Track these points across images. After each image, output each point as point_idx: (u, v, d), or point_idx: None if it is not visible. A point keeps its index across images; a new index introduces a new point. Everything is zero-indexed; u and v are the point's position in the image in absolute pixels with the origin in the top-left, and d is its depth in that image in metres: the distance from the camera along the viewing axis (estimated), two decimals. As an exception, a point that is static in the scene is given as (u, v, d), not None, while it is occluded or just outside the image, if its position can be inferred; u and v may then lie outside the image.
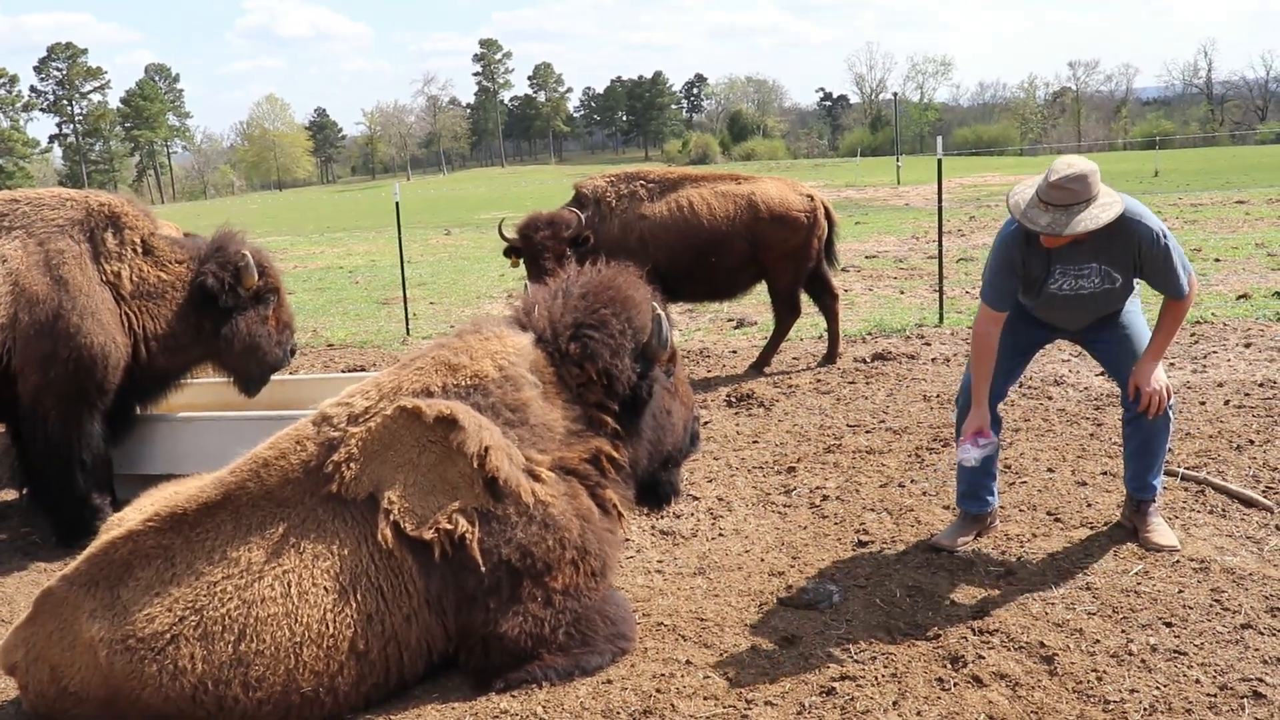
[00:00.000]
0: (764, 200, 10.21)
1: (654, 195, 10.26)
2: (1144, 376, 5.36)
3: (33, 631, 4.34)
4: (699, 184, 10.41)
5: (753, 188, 10.35)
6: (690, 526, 6.42)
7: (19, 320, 6.48)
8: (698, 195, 10.22)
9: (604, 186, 10.37)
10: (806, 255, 10.34)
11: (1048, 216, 4.95)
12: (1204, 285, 13.55)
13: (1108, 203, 4.99)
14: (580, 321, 4.78)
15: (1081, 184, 4.90)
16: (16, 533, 7.23)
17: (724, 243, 10.15)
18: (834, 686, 4.34)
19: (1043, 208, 4.96)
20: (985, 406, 5.50)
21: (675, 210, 10.15)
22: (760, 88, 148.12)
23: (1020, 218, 5.04)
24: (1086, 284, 5.34)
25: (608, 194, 10.29)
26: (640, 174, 10.57)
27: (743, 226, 10.15)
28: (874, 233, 23.84)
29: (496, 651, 4.39)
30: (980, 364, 5.48)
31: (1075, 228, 4.92)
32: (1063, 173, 4.92)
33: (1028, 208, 5.01)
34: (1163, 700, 4.13)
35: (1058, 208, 4.93)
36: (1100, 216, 4.94)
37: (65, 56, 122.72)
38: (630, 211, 10.18)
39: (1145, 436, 5.58)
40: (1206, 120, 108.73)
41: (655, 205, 10.19)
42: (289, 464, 4.43)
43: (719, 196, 10.23)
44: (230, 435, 6.41)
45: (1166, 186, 34.24)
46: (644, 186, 10.32)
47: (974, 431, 5.48)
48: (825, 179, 54.78)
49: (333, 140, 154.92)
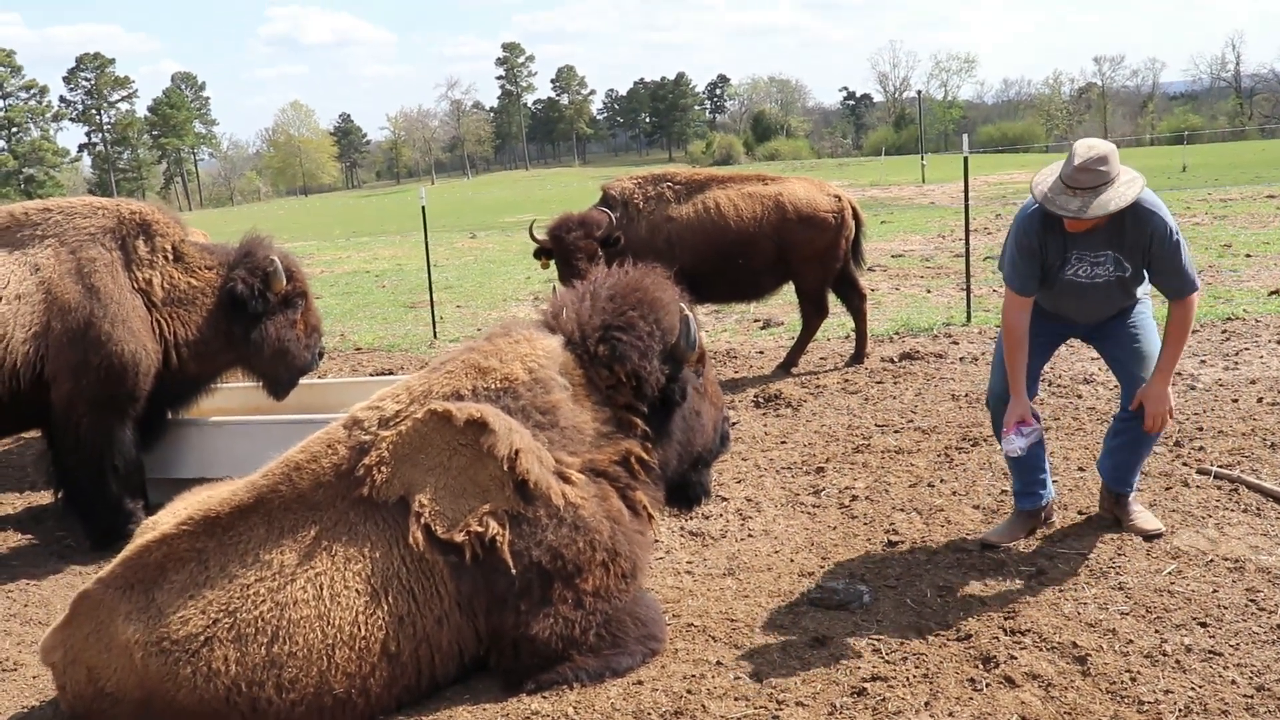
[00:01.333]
0: (791, 201, 10.19)
1: (681, 197, 10.25)
2: (1152, 396, 5.36)
3: (70, 633, 4.39)
4: (726, 185, 10.40)
5: (780, 188, 10.33)
6: (719, 527, 6.41)
7: (52, 328, 6.55)
8: (724, 196, 10.21)
9: (631, 188, 10.37)
10: (834, 256, 10.32)
11: (1077, 201, 4.97)
12: (1235, 281, 13.44)
13: (1130, 179, 5.03)
14: (609, 324, 4.78)
15: (1106, 164, 4.95)
16: (52, 536, 7.31)
17: (751, 244, 10.14)
18: (865, 687, 4.32)
19: (1070, 193, 4.98)
20: (1024, 394, 5.47)
21: (702, 212, 10.14)
22: (783, 87, 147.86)
23: (1049, 205, 5.04)
24: (1101, 271, 5.34)
25: (635, 196, 10.29)
26: (667, 175, 10.57)
27: (770, 227, 10.14)
28: (900, 232, 23.74)
29: (527, 653, 4.40)
30: (1015, 352, 5.45)
31: (1106, 207, 4.94)
32: (1086, 155, 4.94)
33: (1054, 194, 5.02)
34: (1198, 701, 4.09)
35: (1086, 190, 4.95)
36: (1127, 194, 4.98)
37: (93, 67, 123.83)
38: (657, 213, 10.19)
39: (1135, 438, 5.60)
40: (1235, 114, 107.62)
41: (682, 207, 10.19)
42: (320, 467, 4.45)
43: (746, 197, 10.22)
44: (261, 439, 6.44)
45: (1195, 182, 33.97)
46: (671, 188, 10.32)
47: (1017, 420, 5.44)
48: (850, 178, 54.61)
49: (357, 145, 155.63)
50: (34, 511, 7.89)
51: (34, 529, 7.50)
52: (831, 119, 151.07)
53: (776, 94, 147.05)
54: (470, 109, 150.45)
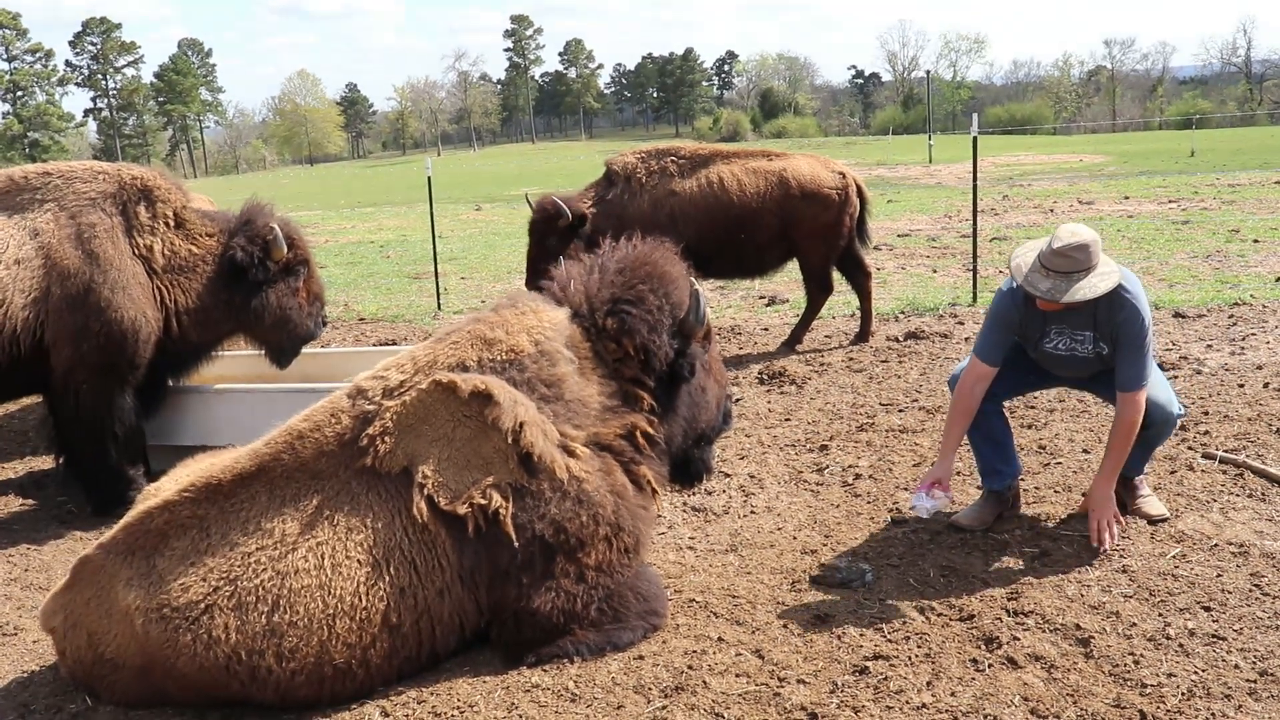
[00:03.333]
0: (795, 177, 10.13)
1: (685, 171, 10.19)
2: (1096, 499, 5.41)
3: (71, 598, 4.38)
4: (730, 160, 10.33)
5: (785, 164, 10.27)
6: (722, 504, 6.40)
7: (51, 294, 6.51)
8: (729, 172, 10.15)
9: (634, 163, 10.33)
10: (838, 233, 10.26)
11: (1048, 282, 5.04)
12: (1242, 266, 13.39)
13: (1106, 272, 5.07)
14: (618, 297, 4.75)
15: (1084, 253, 4.99)
16: (53, 501, 7.31)
17: (754, 219, 10.09)
18: (867, 666, 4.31)
19: (1044, 273, 5.06)
20: (951, 458, 5.57)
21: (706, 187, 10.08)
22: (791, 65, 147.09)
23: (1022, 281, 5.13)
24: (1080, 348, 5.41)
25: (638, 170, 10.25)
26: (671, 150, 10.49)
27: (773, 203, 10.08)
28: (906, 211, 23.65)
29: (529, 626, 4.39)
30: (958, 419, 5.56)
31: (1074, 295, 5.00)
32: (1066, 240, 5.00)
33: (1029, 272, 5.11)
34: (1201, 685, 4.08)
35: (1059, 274, 5.03)
36: (1098, 286, 5.03)
37: (100, 31, 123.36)
38: (660, 188, 10.13)
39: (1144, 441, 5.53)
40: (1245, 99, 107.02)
41: (686, 182, 10.13)
42: (324, 436, 4.43)
43: (750, 173, 10.16)
44: (264, 408, 6.42)
45: (1203, 166, 33.80)
46: (675, 162, 10.26)
47: (933, 481, 5.48)
48: (857, 157, 54.39)
49: (364, 116, 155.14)
50: (35, 477, 7.89)
51: (35, 494, 7.51)
52: (839, 97, 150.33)
53: (785, 71, 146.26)
54: (477, 81, 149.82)
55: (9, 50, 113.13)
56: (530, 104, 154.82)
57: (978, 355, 5.49)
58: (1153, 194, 23.99)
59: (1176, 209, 20.50)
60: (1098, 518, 5.34)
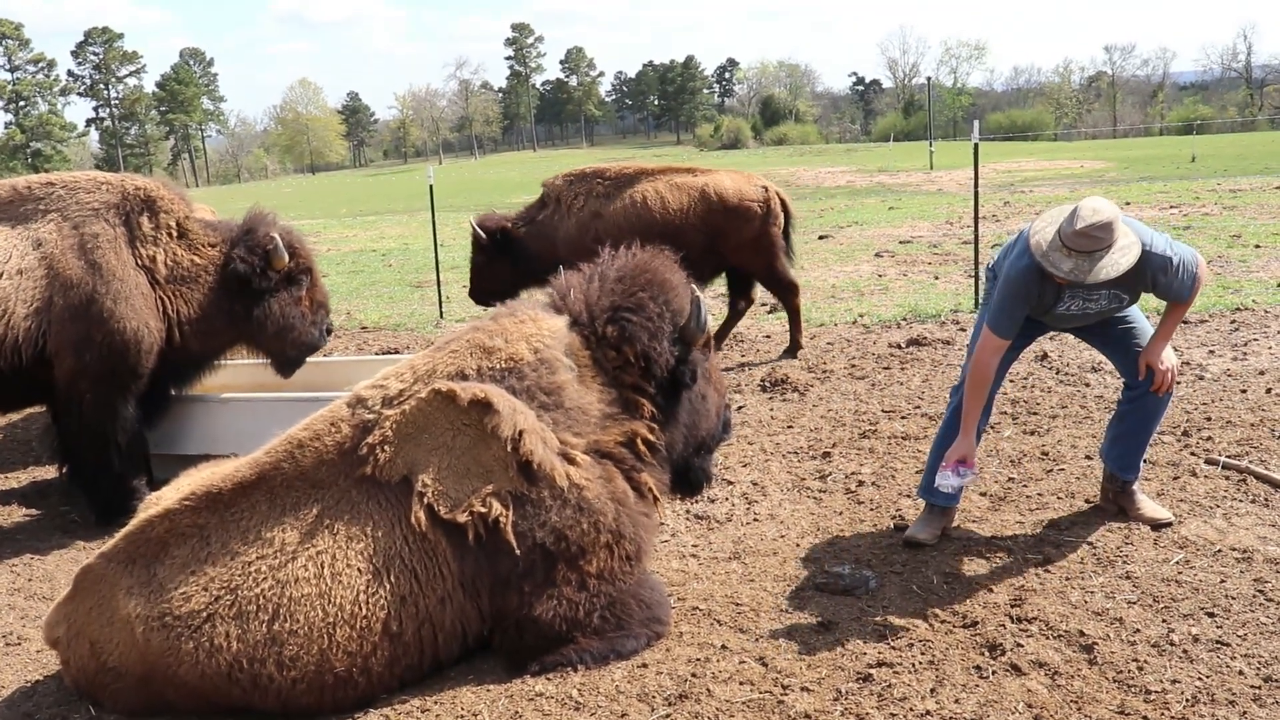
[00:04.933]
0: (717, 192, 10.28)
1: (610, 192, 10.38)
2: (1155, 355, 5.40)
3: (73, 608, 4.39)
4: (655, 178, 10.50)
5: (707, 180, 10.43)
6: (725, 511, 6.39)
7: (54, 304, 6.52)
8: (652, 189, 10.32)
9: (562, 185, 10.58)
10: (770, 242, 10.39)
11: (1070, 262, 4.95)
12: (1244, 272, 13.37)
13: (1126, 245, 4.99)
14: (618, 305, 4.75)
15: (1106, 231, 4.90)
16: (56, 511, 7.31)
17: (678, 235, 10.03)
18: (871, 673, 4.30)
19: (1065, 252, 4.96)
20: (974, 434, 5.51)
21: (630, 206, 10.26)
22: (792, 72, 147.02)
23: (1043, 261, 5.02)
24: (1094, 305, 5.39)
25: (565, 194, 10.49)
26: (599, 171, 10.69)
27: (697, 218, 10.24)
28: (908, 218, 23.64)
29: (531, 634, 4.39)
30: (976, 393, 5.47)
31: (1098, 275, 4.94)
32: (1089, 220, 4.89)
33: (1050, 250, 5.00)
34: (1205, 691, 4.07)
35: (1081, 254, 4.94)
36: (1121, 262, 4.96)
37: (102, 41, 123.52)
38: (586, 210, 10.34)
39: (1143, 417, 5.62)
40: (1245, 105, 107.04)
41: (611, 203, 10.31)
42: (324, 445, 4.43)
43: (673, 189, 10.34)
44: (265, 416, 6.43)
45: (1204, 172, 33.78)
46: (601, 184, 10.46)
47: (958, 459, 5.46)
48: (858, 164, 54.44)
49: (365, 124, 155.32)
50: (39, 486, 7.89)
51: (39, 503, 7.51)
52: (840, 104, 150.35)
53: (785, 78, 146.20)
54: (479, 89, 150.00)
55: (11, 60, 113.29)
56: (531, 112, 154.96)
57: (993, 329, 5.36)
58: (1154, 200, 23.97)
59: (1178, 214, 20.48)
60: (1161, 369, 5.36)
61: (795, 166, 55.36)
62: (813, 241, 20.09)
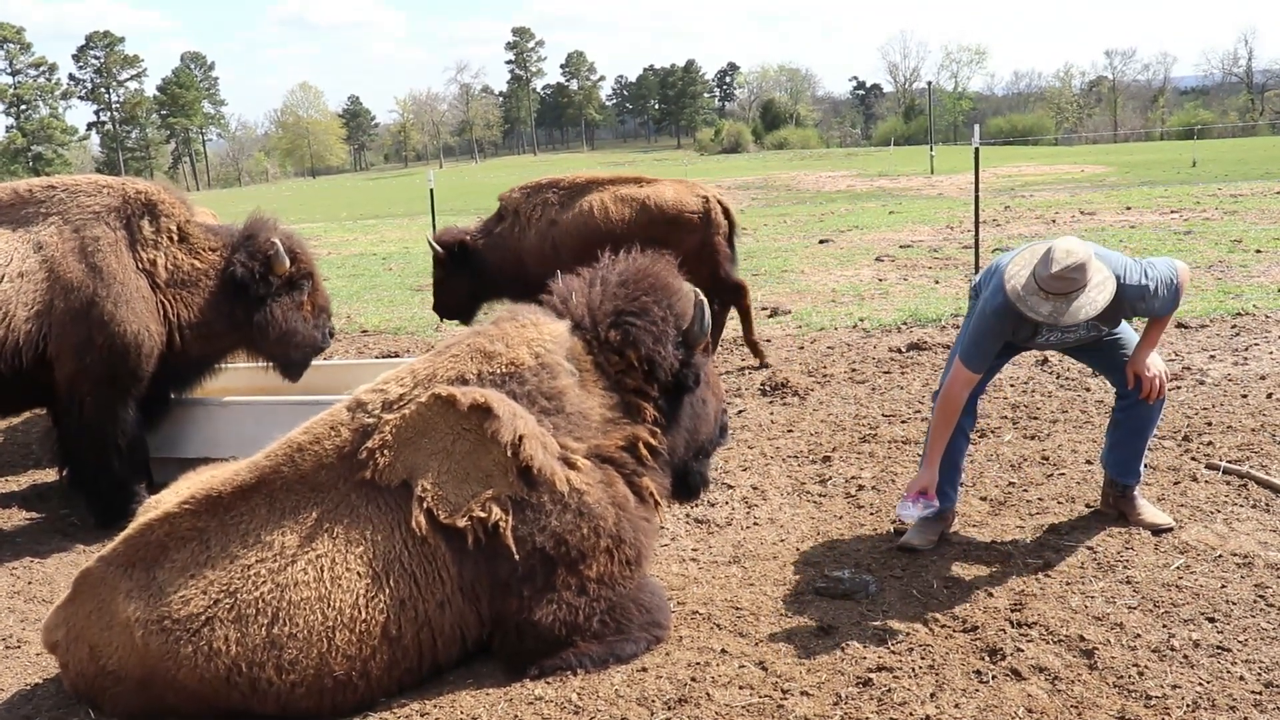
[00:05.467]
0: (658, 202, 10.40)
1: (564, 202, 10.53)
2: (1142, 363, 5.43)
3: (72, 611, 4.38)
4: (604, 188, 10.64)
5: (649, 190, 10.55)
6: (725, 515, 6.39)
7: (55, 307, 6.52)
8: (599, 200, 10.47)
9: (519, 198, 10.73)
10: (713, 249, 10.49)
11: (1048, 305, 4.96)
12: (1245, 277, 13.37)
13: (1101, 281, 4.99)
14: (621, 309, 4.75)
15: (1080, 272, 4.90)
16: (56, 514, 7.31)
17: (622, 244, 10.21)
18: (871, 677, 4.30)
19: (1042, 296, 4.96)
20: (937, 467, 5.48)
21: (579, 215, 10.41)
22: (793, 76, 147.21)
23: (1020, 305, 5.02)
24: (1071, 336, 5.44)
25: (523, 205, 10.65)
26: (553, 182, 10.85)
27: (639, 228, 10.27)
28: (908, 222, 23.65)
29: (531, 638, 4.38)
30: (944, 426, 5.46)
31: (1075, 315, 4.95)
32: (1064, 262, 4.88)
33: (1026, 294, 4.99)
34: (1206, 696, 4.06)
35: (1058, 296, 4.94)
36: (1098, 300, 4.97)
37: (103, 45, 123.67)
38: (543, 219, 10.50)
39: (1138, 424, 5.63)
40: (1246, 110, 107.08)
41: (564, 212, 10.47)
42: (323, 449, 4.42)
43: (618, 200, 10.48)
44: (265, 420, 6.43)
45: (1205, 177, 33.82)
46: (555, 194, 10.62)
47: (920, 490, 5.42)
48: (858, 168, 54.48)
49: (366, 128, 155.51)
50: (39, 489, 7.89)
51: (39, 506, 7.51)
52: (841, 108, 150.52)
53: (786, 82, 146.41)
54: (479, 93, 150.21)
55: (13, 64, 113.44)
56: (532, 116, 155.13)
57: (965, 364, 5.37)
58: (1155, 204, 23.98)
59: (1179, 219, 20.49)
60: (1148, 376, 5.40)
61: (796, 171, 55.40)
62: (813, 246, 20.11)
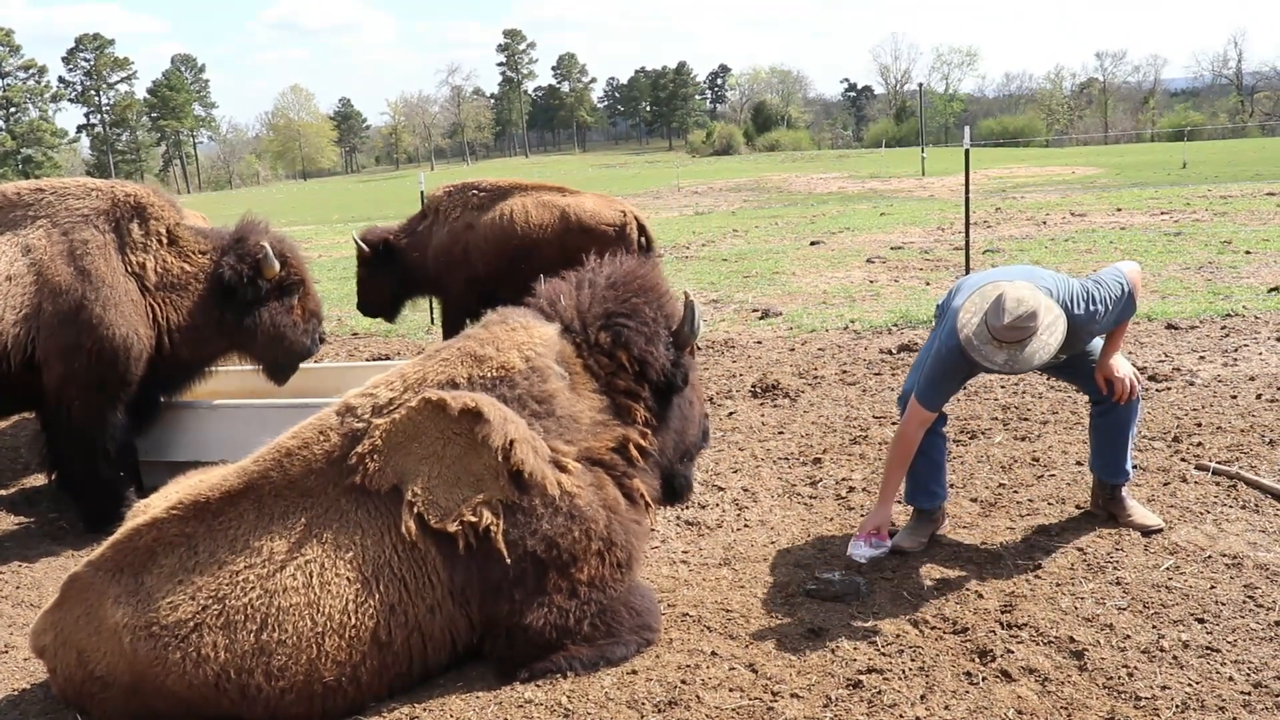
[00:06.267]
0: (576, 213, 10.56)
1: (484, 204, 10.67)
2: (1109, 367, 5.46)
3: (60, 616, 4.36)
4: (527, 193, 10.79)
5: (569, 201, 10.72)
6: (715, 517, 6.38)
7: (43, 310, 6.50)
8: (520, 205, 10.61)
9: (441, 197, 10.89)
10: None
11: (1003, 354, 4.96)
12: (1234, 278, 13.41)
13: (1051, 321, 4.99)
14: (612, 311, 4.76)
15: (1033, 319, 4.90)
16: (45, 518, 7.28)
17: (536, 251, 10.48)
18: (861, 679, 4.30)
19: (996, 345, 4.96)
20: (890, 506, 5.47)
21: (498, 218, 10.55)
22: (784, 78, 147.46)
23: (974, 354, 5.02)
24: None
25: (444, 204, 10.79)
26: (477, 183, 10.98)
27: (555, 237, 10.51)
28: (899, 224, 23.70)
29: (521, 642, 4.37)
30: (899, 465, 5.45)
31: (1030, 361, 4.96)
32: (1015, 312, 4.88)
33: (980, 344, 4.98)
34: (1195, 697, 4.07)
35: (1012, 344, 4.94)
36: (1050, 343, 4.97)
37: (93, 47, 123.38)
38: (460, 220, 10.64)
39: (1118, 425, 5.65)
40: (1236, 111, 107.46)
41: (483, 215, 10.61)
42: (312, 454, 4.41)
43: (539, 207, 10.63)
44: (255, 423, 6.41)
45: (1195, 178, 33.93)
46: (476, 195, 10.76)
47: (872, 530, 5.40)
48: (850, 170, 54.57)
49: (357, 130, 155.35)
50: (28, 493, 7.86)
51: (27, 511, 7.48)
52: (832, 110, 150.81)
53: (777, 84, 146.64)
54: (471, 95, 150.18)
55: (2, 66, 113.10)
56: (523, 118, 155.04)
57: (922, 404, 5.34)
58: (1145, 206, 24.06)
59: (1169, 221, 20.56)
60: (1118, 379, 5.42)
61: (787, 172, 55.47)
62: (804, 247, 20.13)
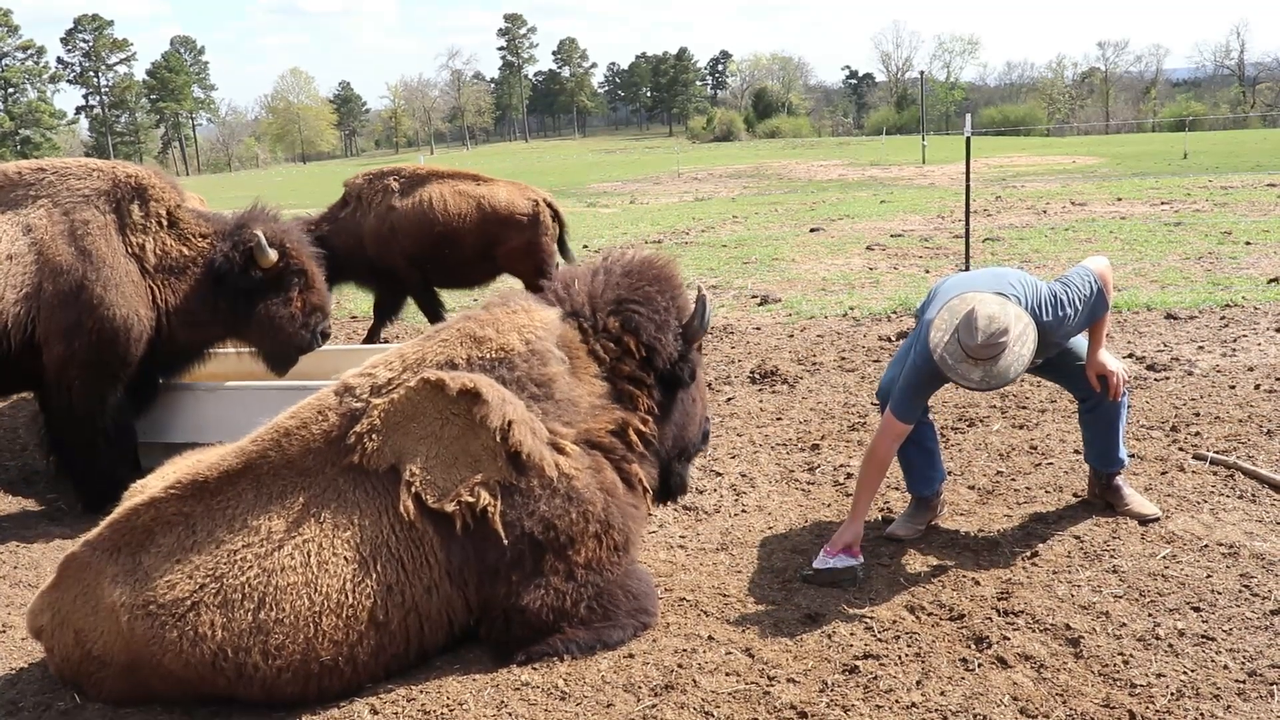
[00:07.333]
0: (490, 202, 11.09)
1: (404, 190, 11.19)
2: (1100, 365, 5.45)
3: (57, 596, 4.36)
4: (444, 181, 11.27)
5: (485, 189, 11.23)
6: (713, 502, 6.39)
7: (43, 290, 6.48)
8: (438, 192, 11.13)
9: (362, 184, 11.38)
10: (539, 249, 11.22)
11: (979, 371, 4.91)
12: (1234, 268, 13.41)
13: (1021, 332, 4.92)
14: (624, 297, 4.78)
15: (1004, 334, 4.85)
16: (43, 499, 7.28)
17: (457, 237, 11.07)
18: (857, 665, 4.31)
19: (971, 363, 4.91)
20: (862, 521, 5.34)
21: (418, 203, 11.09)
22: (785, 65, 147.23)
23: (949, 371, 4.98)
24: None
25: (365, 190, 11.32)
26: (395, 170, 11.51)
27: (472, 224, 11.07)
28: (899, 212, 23.67)
29: (518, 624, 4.38)
30: (873, 478, 5.34)
31: (1006, 375, 4.90)
32: (987, 330, 4.83)
33: (955, 363, 4.93)
34: (1190, 685, 4.08)
35: (986, 360, 4.89)
36: (1024, 354, 4.92)
37: (92, 28, 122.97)
38: (383, 204, 11.14)
39: (1108, 418, 5.65)
40: (1238, 102, 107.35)
41: (404, 199, 11.12)
42: (311, 434, 4.41)
43: (455, 194, 11.14)
44: (253, 404, 6.40)
45: (1196, 168, 33.88)
46: (396, 181, 11.28)
47: (843, 546, 5.23)
48: (850, 157, 54.50)
49: (357, 114, 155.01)
50: (26, 473, 7.86)
51: (26, 491, 7.48)
52: (833, 97, 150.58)
53: (779, 71, 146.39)
54: (471, 80, 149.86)
55: (0, 47, 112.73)
56: (524, 103, 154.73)
57: (897, 417, 5.26)
58: (1145, 196, 24.04)
59: (1169, 211, 20.54)
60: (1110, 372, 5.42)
61: (788, 159, 55.41)
62: (804, 234, 20.11)
